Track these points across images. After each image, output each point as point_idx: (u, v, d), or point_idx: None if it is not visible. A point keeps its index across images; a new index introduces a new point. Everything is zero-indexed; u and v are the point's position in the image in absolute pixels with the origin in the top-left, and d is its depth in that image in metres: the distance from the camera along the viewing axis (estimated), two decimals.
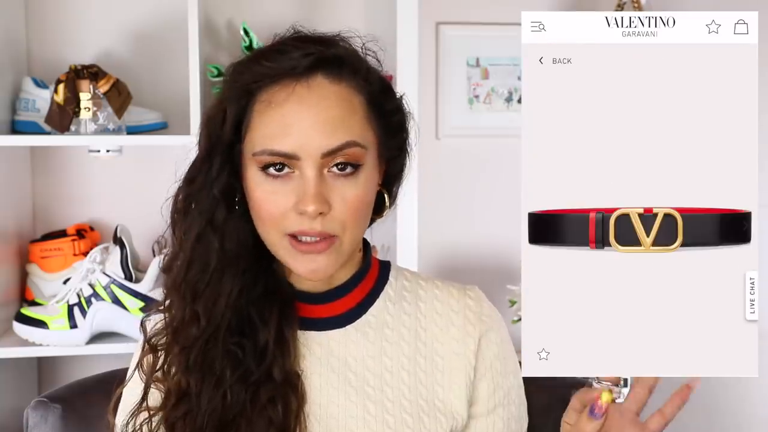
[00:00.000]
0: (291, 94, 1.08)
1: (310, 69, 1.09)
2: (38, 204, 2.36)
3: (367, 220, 1.14)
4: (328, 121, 1.07)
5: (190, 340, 1.12)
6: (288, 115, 1.08)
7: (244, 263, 1.14)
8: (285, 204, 1.08)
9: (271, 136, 1.08)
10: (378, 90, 1.14)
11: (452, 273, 2.56)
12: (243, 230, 1.14)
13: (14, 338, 2.11)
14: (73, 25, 2.34)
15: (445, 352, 1.18)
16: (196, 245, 1.13)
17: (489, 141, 2.57)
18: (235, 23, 2.34)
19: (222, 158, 1.12)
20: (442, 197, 2.55)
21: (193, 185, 1.14)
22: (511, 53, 2.54)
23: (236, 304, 1.12)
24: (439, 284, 1.24)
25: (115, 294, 2.09)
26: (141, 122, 2.20)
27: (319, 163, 1.07)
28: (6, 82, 2.18)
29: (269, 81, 1.09)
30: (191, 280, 1.13)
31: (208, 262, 1.13)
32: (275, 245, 1.11)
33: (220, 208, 1.13)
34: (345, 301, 1.19)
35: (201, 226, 1.13)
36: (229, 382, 1.10)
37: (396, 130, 1.17)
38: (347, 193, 1.08)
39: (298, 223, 1.08)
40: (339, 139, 1.07)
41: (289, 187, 1.08)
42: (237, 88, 1.11)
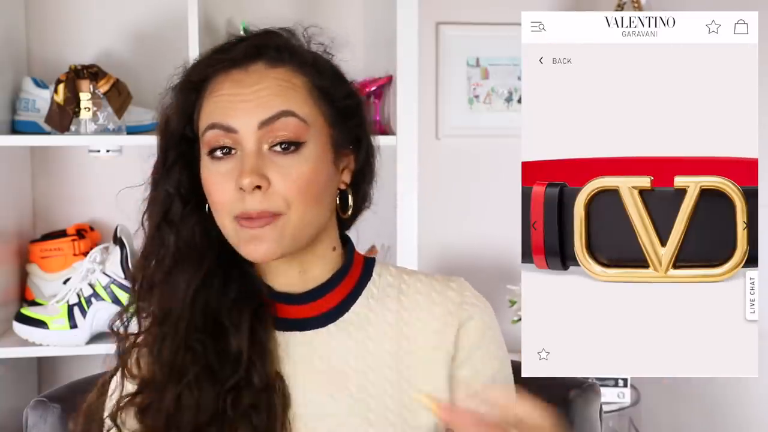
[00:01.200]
0: (227, 78, 1.11)
1: (248, 57, 1.12)
2: (38, 204, 2.36)
3: (321, 204, 1.12)
4: (263, 96, 1.09)
5: (151, 335, 1.13)
6: (226, 95, 1.10)
7: (205, 262, 1.14)
8: (229, 185, 1.08)
9: (210, 114, 1.10)
10: (326, 74, 1.15)
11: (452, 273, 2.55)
12: (199, 225, 1.15)
13: (14, 338, 2.11)
14: (73, 25, 2.34)
15: (428, 345, 1.17)
16: (153, 238, 1.15)
17: (489, 141, 2.57)
18: (235, 23, 2.34)
19: (176, 153, 1.15)
20: (442, 197, 2.55)
21: (152, 182, 1.17)
22: (511, 53, 2.54)
23: (196, 302, 1.12)
24: (422, 278, 1.22)
25: (115, 294, 2.09)
26: (141, 122, 2.20)
27: (257, 136, 1.08)
28: (6, 82, 2.18)
29: (212, 71, 1.13)
30: (147, 273, 1.15)
31: (163, 255, 1.14)
32: (227, 231, 1.11)
33: (176, 202, 1.14)
34: (326, 300, 1.17)
35: (157, 221, 1.15)
36: (194, 381, 1.10)
37: (348, 116, 1.16)
38: (288, 168, 1.08)
39: (241, 203, 1.08)
40: (273, 108, 1.08)
41: (231, 167, 1.09)
42: (184, 82, 1.15)
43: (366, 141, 1.19)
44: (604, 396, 1.45)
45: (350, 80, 1.18)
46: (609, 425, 2.35)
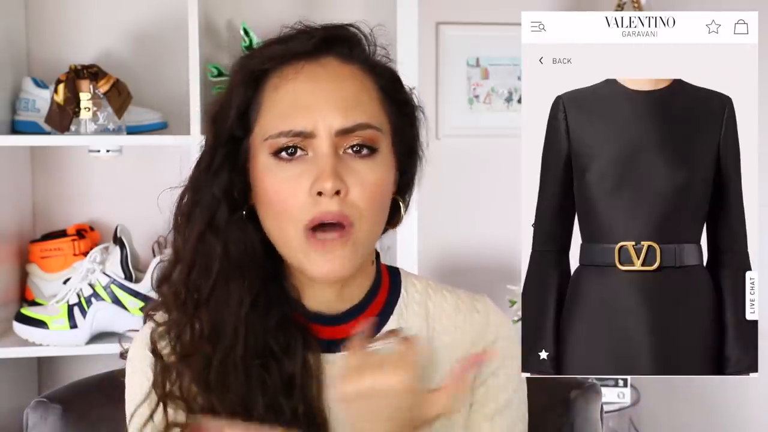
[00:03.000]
0: (300, 71, 1.04)
1: (319, 49, 1.06)
2: (38, 204, 2.36)
3: (384, 216, 1.08)
4: (343, 99, 1.03)
5: (202, 357, 1.04)
6: (300, 92, 1.03)
7: (251, 275, 1.06)
8: (300, 189, 1.01)
9: (283, 116, 1.03)
10: (389, 78, 1.10)
11: (452, 273, 2.56)
12: (250, 237, 1.06)
13: (14, 338, 2.11)
14: (73, 25, 2.34)
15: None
16: (197, 248, 1.06)
17: (489, 141, 2.57)
18: (235, 23, 2.34)
19: (225, 152, 1.06)
20: (442, 197, 2.55)
21: (194, 185, 1.07)
22: (511, 53, 2.54)
23: (249, 321, 1.04)
24: (447, 296, 1.17)
25: (115, 294, 2.09)
26: (141, 122, 2.20)
27: (333, 141, 1.02)
28: (6, 82, 2.18)
29: (278, 63, 1.05)
30: (192, 286, 1.05)
31: (210, 266, 1.05)
32: (291, 243, 1.03)
33: (222, 208, 1.06)
34: (359, 321, 1.08)
35: (201, 227, 1.06)
36: (262, 411, 1.02)
37: (407, 123, 1.11)
38: (365, 176, 1.02)
39: (315, 208, 1.00)
40: (355, 118, 1.03)
41: (303, 170, 1.02)
42: (244, 74, 1.06)
43: (418, 151, 1.14)
44: (604, 396, 1.44)
45: (406, 86, 1.13)
46: (609, 425, 2.35)
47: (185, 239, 1.07)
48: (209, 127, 1.08)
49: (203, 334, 1.05)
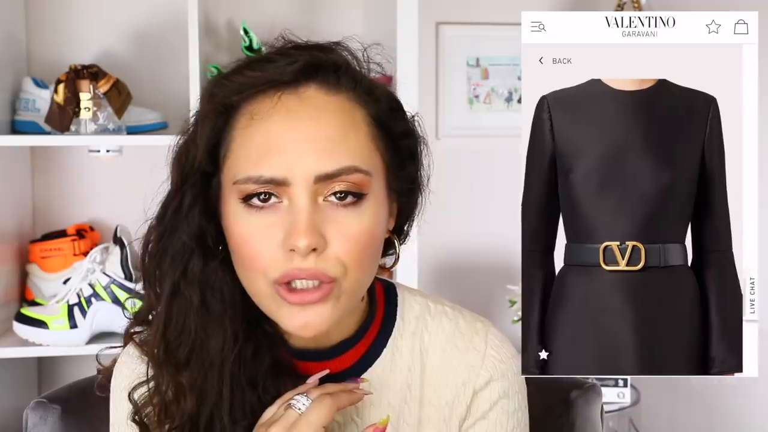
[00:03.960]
0: (276, 105, 0.91)
1: (299, 77, 0.92)
2: (38, 204, 2.36)
3: (374, 265, 0.96)
4: (325, 139, 0.90)
5: (188, 419, 0.96)
6: (274, 131, 0.90)
7: (233, 327, 0.95)
8: (271, 241, 0.89)
9: (254, 159, 0.90)
10: (385, 107, 0.97)
11: (452, 273, 2.56)
12: (227, 283, 0.96)
13: (14, 338, 2.11)
14: (73, 25, 2.34)
15: (446, 408, 1.04)
16: (172, 301, 0.96)
17: (489, 141, 2.57)
18: (235, 23, 2.34)
19: (194, 193, 0.94)
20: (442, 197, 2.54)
21: (163, 229, 0.96)
22: (511, 53, 2.54)
23: (235, 378, 0.95)
24: (445, 326, 1.06)
25: (115, 294, 2.09)
26: (141, 122, 2.20)
27: (312, 189, 0.89)
28: (6, 82, 2.18)
29: (251, 93, 0.92)
30: (171, 345, 0.96)
31: (187, 322, 0.95)
32: (260, 295, 0.93)
33: (195, 256, 0.95)
34: (348, 356, 1.02)
35: (174, 278, 0.96)
36: None
37: (406, 158, 0.99)
38: (348, 227, 0.90)
39: (287, 264, 0.89)
40: (337, 162, 0.90)
41: (275, 220, 0.90)
42: (213, 104, 0.93)
43: (420, 184, 1.03)
44: (604, 396, 1.44)
45: (408, 113, 1.00)
46: (609, 425, 2.35)
47: (157, 293, 0.98)
48: (175, 165, 0.96)
49: (186, 397, 0.96)
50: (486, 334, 1.07)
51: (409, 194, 1.02)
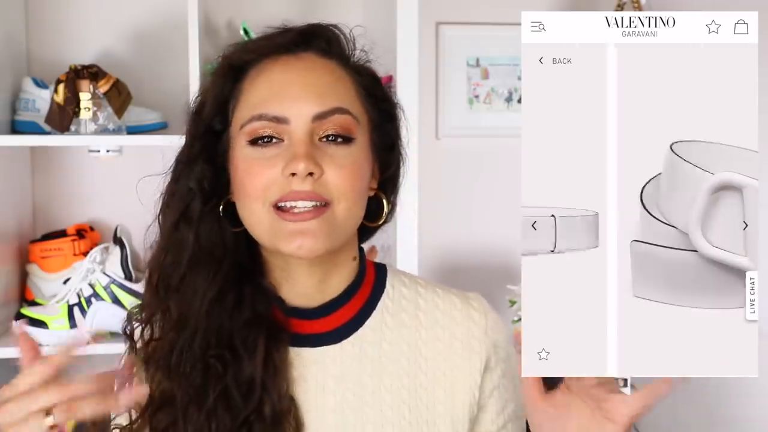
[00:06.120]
0: (277, 62, 1.07)
1: (297, 43, 1.08)
2: (38, 204, 2.36)
3: (362, 202, 1.08)
4: (318, 85, 1.05)
5: (167, 342, 1.07)
6: (276, 81, 1.05)
7: (221, 269, 1.08)
8: (273, 170, 1.02)
9: (258, 103, 1.05)
10: (368, 77, 1.12)
11: (452, 273, 2.56)
12: (223, 230, 1.09)
13: (14, 338, 2.10)
14: (73, 25, 2.34)
15: (448, 368, 1.12)
16: (171, 236, 1.09)
17: (489, 141, 2.58)
18: (235, 23, 2.34)
19: (201, 144, 1.09)
20: (442, 197, 2.55)
21: (173, 176, 1.11)
22: (511, 53, 2.54)
23: (210, 316, 1.06)
24: (439, 292, 1.17)
25: (115, 294, 2.09)
26: (141, 122, 2.20)
27: (309, 128, 1.03)
28: (6, 82, 2.18)
29: (257, 56, 1.08)
30: (166, 270, 1.09)
31: (181, 255, 1.08)
32: (260, 224, 1.04)
33: (196, 199, 1.08)
34: (340, 315, 1.11)
35: (176, 217, 1.09)
36: (213, 408, 1.03)
37: (387, 118, 1.13)
38: (340, 159, 1.03)
39: (286, 187, 1.02)
40: (330, 104, 1.04)
41: (277, 153, 1.03)
42: (223, 67, 1.09)
43: (398, 148, 1.16)
44: None
45: (387, 86, 1.15)
46: None
47: (162, 227, 1.11)
48: (189, 119, 1.11)
49: (171, 320, 1.07)
50: (480, 300, 1.18)
51: (390, 153, 1.14)
